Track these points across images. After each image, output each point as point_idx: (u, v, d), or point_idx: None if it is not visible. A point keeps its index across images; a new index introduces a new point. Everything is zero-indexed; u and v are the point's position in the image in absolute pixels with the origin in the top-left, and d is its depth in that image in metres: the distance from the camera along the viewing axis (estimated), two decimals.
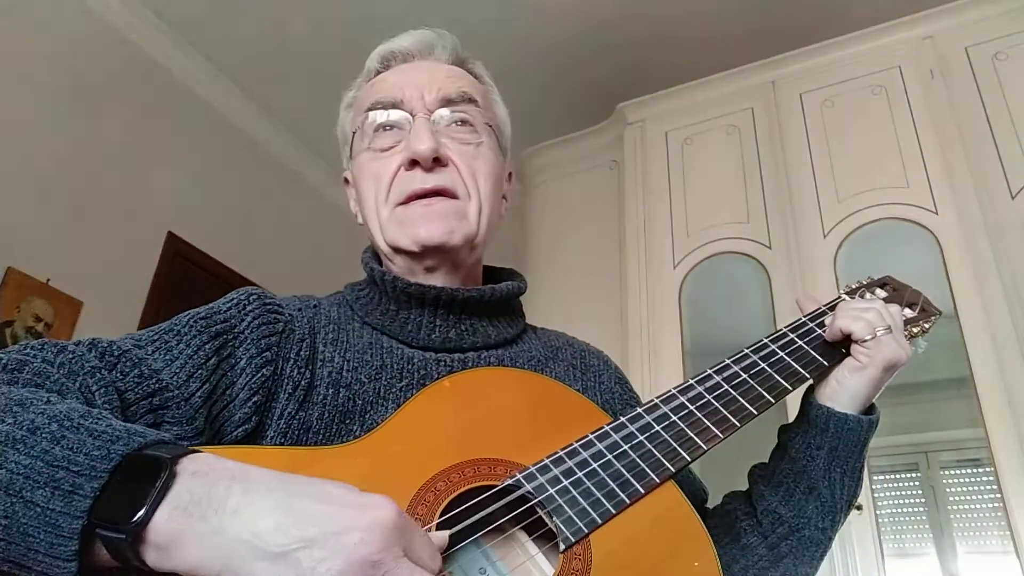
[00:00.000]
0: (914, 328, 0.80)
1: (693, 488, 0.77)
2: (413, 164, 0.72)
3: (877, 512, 1.92)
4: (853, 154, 2.28)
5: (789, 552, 0.71)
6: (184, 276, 2.78)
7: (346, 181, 0.82)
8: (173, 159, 2.86)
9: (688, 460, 0.62)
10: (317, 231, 3.41)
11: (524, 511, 0.57)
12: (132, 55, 2.76)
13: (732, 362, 0.71)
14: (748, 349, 0.73)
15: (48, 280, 2.33)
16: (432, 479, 0.55)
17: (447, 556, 0.50)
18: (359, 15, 2.73)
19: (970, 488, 2.42)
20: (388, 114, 0.75)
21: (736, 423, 0.66)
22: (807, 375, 0.71)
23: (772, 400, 0.68)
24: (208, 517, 0.40)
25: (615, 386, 0.81)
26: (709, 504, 0.81)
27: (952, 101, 2.19)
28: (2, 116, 2.31)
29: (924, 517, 2.47)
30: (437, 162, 0.72)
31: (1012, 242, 1.96)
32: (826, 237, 2.20)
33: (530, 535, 0.58)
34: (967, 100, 2.18)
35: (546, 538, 0.57)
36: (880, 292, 0.84)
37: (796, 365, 0.72)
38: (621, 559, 0.55)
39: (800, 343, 0.74)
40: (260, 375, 0.62)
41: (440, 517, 0.53)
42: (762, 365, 0.71)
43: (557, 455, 0.60)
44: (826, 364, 0.72)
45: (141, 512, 0.40)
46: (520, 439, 0.61)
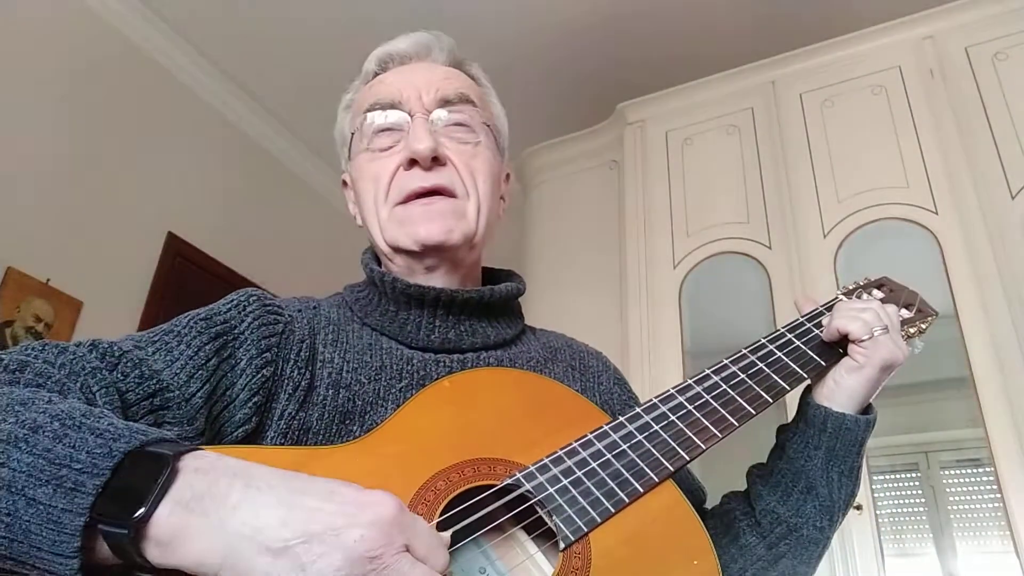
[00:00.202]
0: (911, 329, 0.81)
1: (692, 488, 0.78)
2: (412, 164, 0.73)
3: (877, 512, 1.92)
4: (853, 154, 2.27)
5: (787, 552, 0.71)
6: (184, 276, 2.78)
7: (344, 183, 0.82)
8: (173, 159, 2.86)
9: (687, 459, 0.62)
10: (317, 231, 3.41)
11: (524, 510, 0.57)
12: (132, 55, 2.76)
13: (730, 362, 0.71)
14: (746, 349, 0.73)
15: (48, 280, 2.33)
16: (432, 479, 0.55)
17: None
18: (359, 15, 2.73)
19: (970, 488, 2.42)
20: (386, 115, 0.75)
21: (734, 423, 0.66)
22: (805, 375, 0.72)
23: (770, 400, 0.68)
24: (209, 513, 0.40)
25: (614, 387, 0.81)
26: (708, 504, 0.81)
27: (952, 101, 2.19)
28: (2, 116, 2.31)
29: (924, 517, 2.47)
30: (436, 161, 0.73)
31: (1012, 242, 1.96)
32: (826, 237, 2.20)
33: (529, 534, 0.58)
34: (967, 100, 2.18)
35: (545, 537, 0.57)
36: (877, 293, 0.84)
37: (794, 365, 0.72)
38: (620, 558, 0.55)
39: (798, 343, 0.74)
40: (260, 376, 0.63)
41: (440, 516, 0.53)
42: (760, 365, 0.71)
43: (556, 455, 0.60)
44: (824, 364, 0.73)
45: (143, 508, 0.40)
46: (519, 439, 0.61)
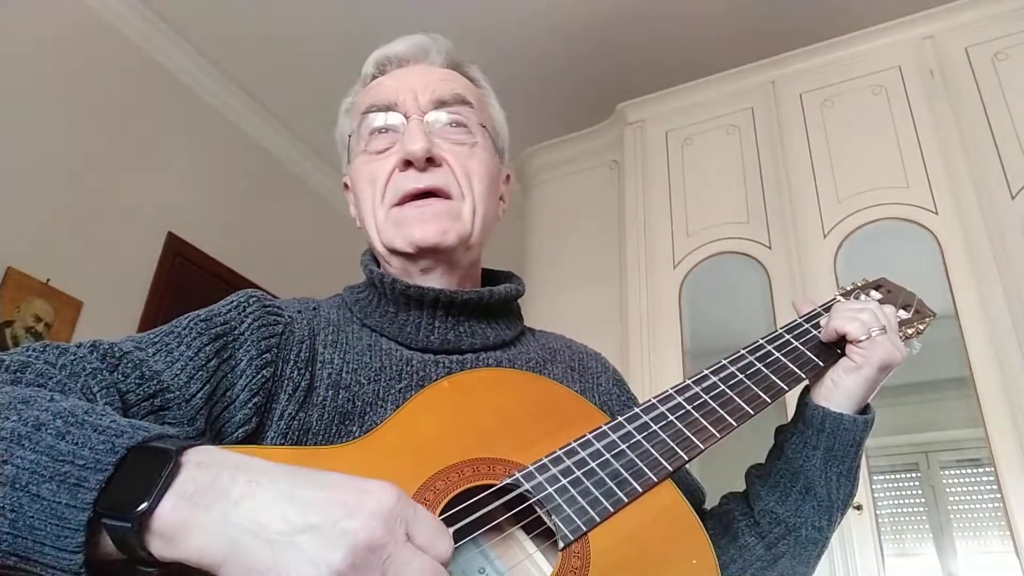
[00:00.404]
0: (909, 330, 0.81)
1: (691, 489, 0.78)
2: (407, 165, 0.73)
3: (877, 512, 1.92)
4: (853, 154, 2.27)
5: (786, 552, 0.72)
6: (184, 276, 2.78)
7: (346, 186, 0.83)
8: (173, 159, 2.86)
9: (685, 459, 0.62)
10: (317, 232, 3.41)
11: (523, 510, 0.57)
12: (132, 55, 2.76)
13: (729, 363, 0.72)
14: (744, 350, 0.73)
15: (48, 280, 2.34)
16: (431, 478, 0.55)
17: None
18: (359, 15, 2.73)
19: (970, 488, 2.42)
20: (382, 117, 0.76)
21: (733, 423, 0.66)
22: (803, 375, 0.72)
23: (769, 400, 0.68)
24: (212, 506, 0.41)
25: (613, 388, 0.81)
26: (707, 505, 0.81)
27: (952, 101, 2.19)
28: (2, 116, 2.32)
29: (924, 517, 2.47)
30: (431, 162, 0.73)
31: (1012, 242, 1.96)
32: (826, 237, 2.20)
33: (528, 534, 0.58)
34: (967, 100, 2.18)
35: (545, 537, 0.57)
36: (875, 294, 0.84)
37: (792, 365, 0.72)
38: (619, 557, 0.56)
39: (796, 344, 0.74)
40: (260, 376, 0.63)
41: (439, 516, 0.53)
42: (758, 366, 0.71)
43: (555, 455, 0.60)
44: (822, 364, 0.73)
45: (147, 501, 0.40)
46: (519, 439, 0.61)
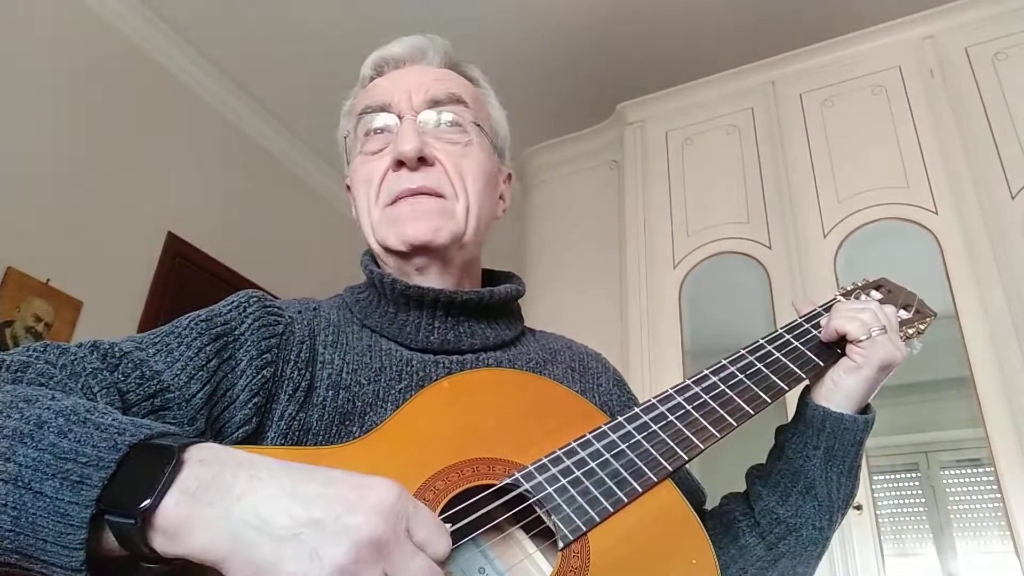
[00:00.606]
0: (909, 330, 0.81)
1: (691, 489, 0.77)
2: (400, 165, 0.73)
3: (877, 512, 1.92)
4: (853, 154, 2.27)
5: (787, 552, 0.72)
6: (184, 276, 2.78)
7: (348, 188, 0.83)
8: (173, 159, 2.86)
9: (685, 459, 0.62)
10: (317, 232, 3.41)
11: (522, 510, 0.57)
12: (132, 55, 2.76)
13: (729, 363, 0.71)
14: (744, 350, 0.73)
15: (48, 280, 2.33)
16: (431, 478, 0.55)
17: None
18: (359, 15, 2.73)
19: (970, 488, 2.42)
20: (377, 118, 0.76)
21: (733, 423, 0.66)
22: (803, 375, 0.72)
23: (769, 400, 0.68)
24: (215, 502, 0.41)
25: (613, 388, 0.81)
26: (707, 506, 0.81)
27: (952, 101, 2.19)
28: (2, 116, 2.32)
29: (924, 517, 2.47)
30: (423, 162, 0.73)
31: (1012, 242, 1.96)
32: (826, 237, 2.20)
33: (528, 534, 0.58)
34: (967, 100, 2.18)
35: (544, 536, 0.57)
36: (875, 294, 0.84)
37: (792, 365, 0.72)
38: (619, 557, 0.56)
39: (796, 344, 0.74)
40: (260, 377, 0.63)
41: (439, 516, 0.53)
42: (758, 366, 0.71)
43: (555, 455, 0.60)
44: (822, 364, 0.73)
45: (150, 498, 0.40)
46: (519, 439, 0.61)
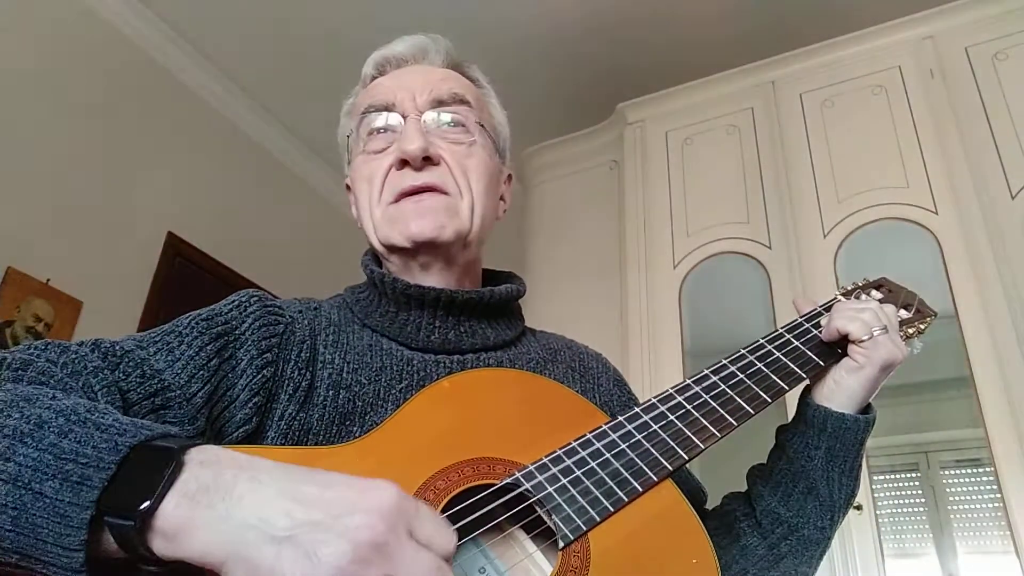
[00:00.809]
0: (910, 329, 0.81)
1: (692, 489, 0.77)
2: (403, 164, 0.73)
3: (877, 512, 1.92)
4: (853, 154, 2.27)
5: (789, 552, 0.72)
6: (184, 276, 2.78)
7: (348, 188, 0.83)
8: (173, 159, 2.86)
9: (686, 459, 0.62)
10: (317, 232, 3.41)
11: (523, 510, 0.57)
12: (132, 55, 2.76)
13: (729, 362, 0.71)
14: (745, 349, 0.73)
15: (48, 280, 2.34)
16: (431, 478, 0.55)
17: None
18: (359, 15, 2.73)
19: (970, 488, 2.42)
20: (380, 117, 0.76)
21: (733, 422, 0.66)
22: (803, 375, 0.72)
23: (769, 400, 0.68)
24: (215, 504, 0.41)
25: (613, 388, 0.81)
26: (708, 505, 0.81)
27: (952, 101, 2.19)
28: (2, 116, 2.32)
29: (924, 517, 2.47)
30: (428, 161, 0.73)
31: (1012, 242, 1.96)
32: (826, 237, 2.20)
33: (528, 533, 0.58)
34: (967, 100, 2.18)
35: (545, 536, 0.57)
36: (876, 293, 0.84)
37: (792, 365, 0.72)
38: (619, 556, 0.56)
39: (796, 343, 0.74)
40: (261, 376, 0.63)
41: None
42: (759, 365, 0.71)
43: (556, 454, 0.60)
44: (822, 364, 0.73)
45: (149, 500, 0.40)
46: (519, 439, 0.61)
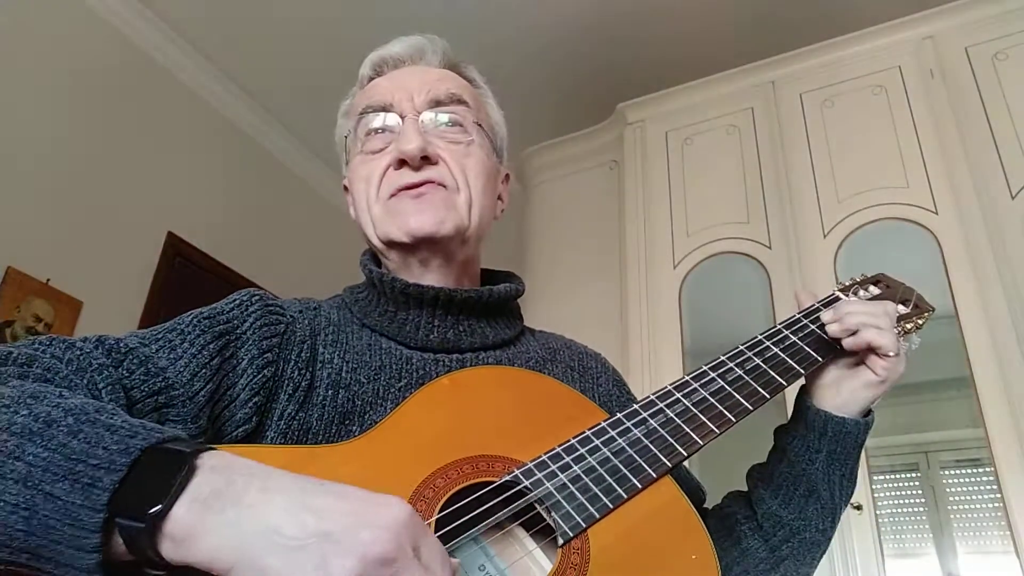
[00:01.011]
0: (908, 324, 0.81)
1: (691, 489, 0.77)
2: (401, 164, 0.73)
3: (877, 512, 1.92)
4: (853, 154, 2.27)
5: (790, 554, 0.72)
6: (184, 276, 2.79)
7: (345, 188, 0.83)
8: (173, 159, 2.86)
9: (684, 455, 0.63)
10: (317, 232, 3.41)
11: (522, 507, 0.57)
12: (132, 55, 2.77)
13: (727, 359, 0.72)
14: (743, 346, 0.73)
15: (48, 280, 2.34)
16: (431, 476, 0.55)
17: None
18: (359, 15, 2.74)
19: (970, 488, 2.42)
20: (378, 117, 0.76)
21: (732, 419, 0.66)
22: (801, 371, 0.72)
23: (768, 396, 0.68)
24: (226, 510, 0.40)
25: (613, 388, 0.81)
26: (708, 504, 0.81)
27: (952, 101, 2.19)
28: (2, 116, 2.32)
29: (924, 517, 2.47)
30: (426, 161, 0.73)
31: (1012, 242, 1.96)
32: (826, 237, 2.20)
33: (528, 531, 0.58)
34: (967, 100, 2.18)
35: (544, 533, 0.57)
36: (874, 289, 0.84)
37: (791, 361, 0.72)
38: (619, 553, 0.56)
39: (795, 340, 0.74)
40: (261, 376, 0.63)
41: (439, 513, 0.53)
42: (757, 361, 0.71)
43: (555, 452, 0.60)
44: (820, 360, 0.73)
45: (161, 504, 0.40)
46: (518, 436, 0.61)
